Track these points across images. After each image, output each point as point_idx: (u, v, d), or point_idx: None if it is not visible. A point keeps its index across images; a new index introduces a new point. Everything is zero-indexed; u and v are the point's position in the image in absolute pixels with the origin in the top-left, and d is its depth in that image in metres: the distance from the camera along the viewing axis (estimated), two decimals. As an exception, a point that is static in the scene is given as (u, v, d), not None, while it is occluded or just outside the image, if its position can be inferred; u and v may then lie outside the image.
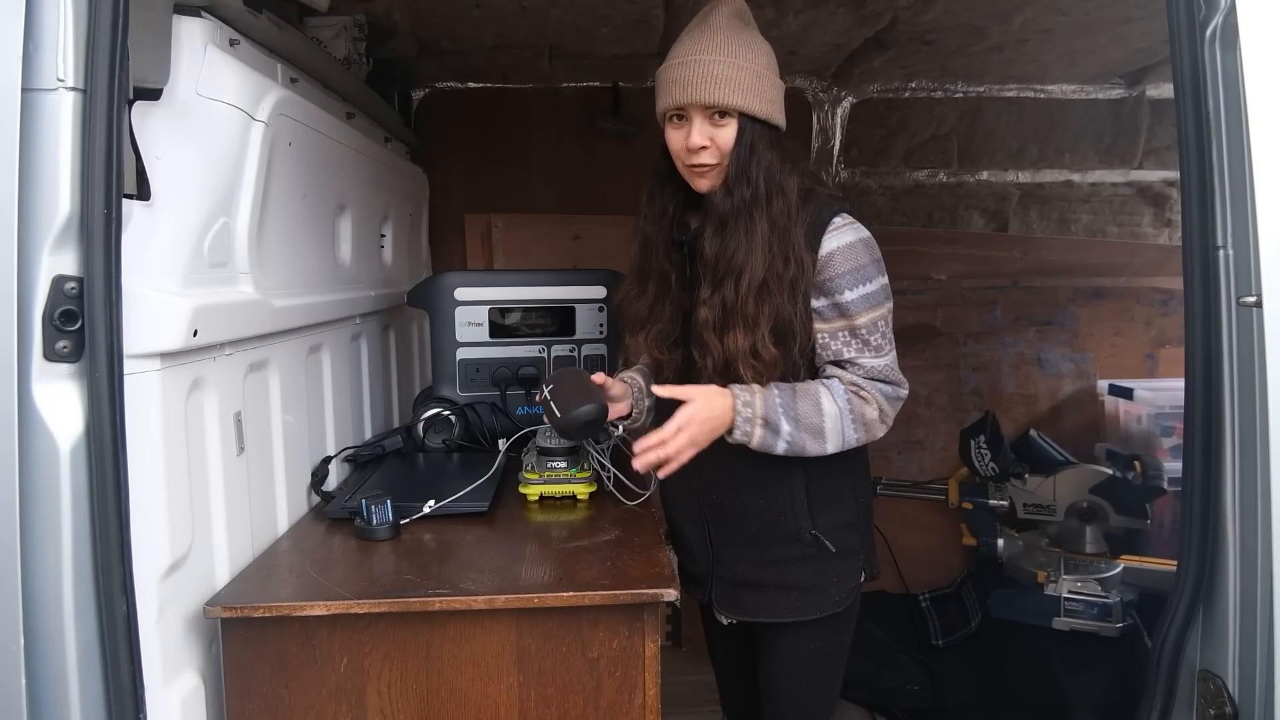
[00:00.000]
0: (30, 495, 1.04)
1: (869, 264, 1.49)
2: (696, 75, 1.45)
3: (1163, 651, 1.26)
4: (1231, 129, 1.15)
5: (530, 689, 1.33)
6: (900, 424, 3.39)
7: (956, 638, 3.05)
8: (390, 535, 1.57)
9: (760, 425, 1.45)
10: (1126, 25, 2.69)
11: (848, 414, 1.47)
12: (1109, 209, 3.67)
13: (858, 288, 1.48)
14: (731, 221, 1.48)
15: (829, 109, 3.51)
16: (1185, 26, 1.18)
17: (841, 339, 1.50)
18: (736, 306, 1.46)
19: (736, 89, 1.45)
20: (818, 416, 1.46)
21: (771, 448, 1.46)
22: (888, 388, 1.52)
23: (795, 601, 1.57)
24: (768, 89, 1.49)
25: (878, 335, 1.51)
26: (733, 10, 1.52)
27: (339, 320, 2.07)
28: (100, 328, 1.06)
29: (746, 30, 1.52)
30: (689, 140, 1.48)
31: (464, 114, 3.32)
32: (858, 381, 1.50)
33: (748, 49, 1.48)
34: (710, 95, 1.45)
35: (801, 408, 1.46)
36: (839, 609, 1.57)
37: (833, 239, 1.48)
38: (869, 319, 1.50)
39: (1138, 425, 3.19)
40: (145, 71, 1.22)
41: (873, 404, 1.49)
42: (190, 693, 1.30)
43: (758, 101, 1.47)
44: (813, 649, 1.61)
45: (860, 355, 1.50)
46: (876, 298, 1.50)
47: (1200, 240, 1.18)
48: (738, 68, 1.45)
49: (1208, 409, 1.20)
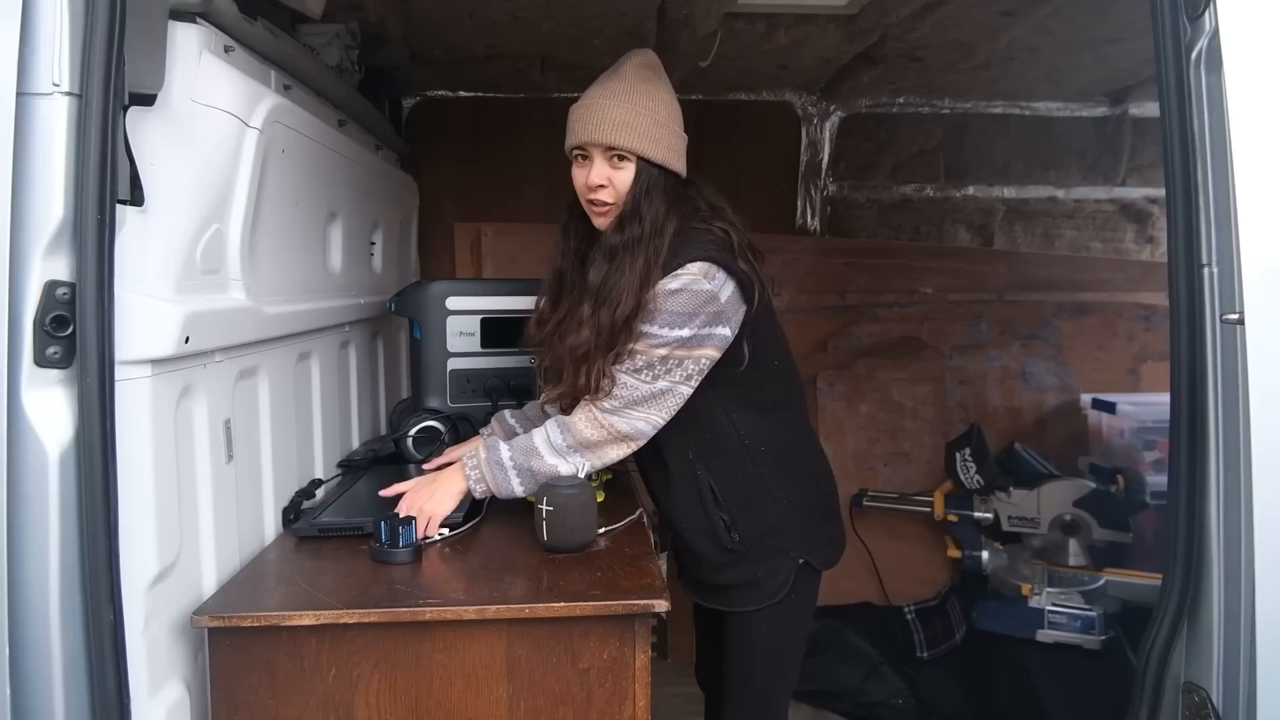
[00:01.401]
0: (18, 502, 1.04)
1: (680, 313, 1.55)
2: (598, 117, 1.59)
3: (1148, 664, 1.27)
4: (1216, 149, 1.17)
5: (520, 700, 1.33)
6: (886, 436, 3.46)
7: (941, 650, 3.06)
8: (412, 559, 1.48)
9: (488, 467, 1.60)
10: (1111, 45, 2.74)
11: (561, 436, 1.58)
12: (1092, 225, 3.72)
13: (653, 324, 1.56)
14: (620, 254, 1.59)
15: (818, 123, 3.55)
16: (1171, 49, 1.20)
17: (625, 355, 1.59)
18: (608, 329, 1.58)
19: (633, 133, 1.57)
20: (535, 450, 1.59)
21: (504, 465, 1.59)
22: (617, 415, 1.56)
23: (734, 596, 1.70)
24: (665, 136, 1.61)
25: (644, 365, 1.56)
26: (643, 62, 1.66)
27: (329, 328, 2.06)
28: (92, 334, 1.05)
29: (654, 81, 1.64)
30: (589, 178, 1.60)
31: (455, 123, 3.32)
32: (590, 406, 1.59)
33: (649, 98, 1.60)
34: (608, 136, 1.57)
35: (518, 445, 1.60)
36: (775, 600, 1.68)
37: (667, 281, 1.56)
38: (645, 348, 1.56)
39: (1120, 439, 3.22)
40: (140, 77, 1.21)
41: (588, 424, 1.57)
42: (176, 703, 1.28)
43: (654, 147, 1.59)
44: (760, 632, 1.71)
45: (619, 371, 1.58)
46: (662, 339, 1.55)
47: (1185, 258, 1.21)
48: (637, 114, 1.58)
49: (1192, 424, 1.22)
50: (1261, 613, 1.12)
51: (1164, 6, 1.20)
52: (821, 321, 3.44)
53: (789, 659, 1.78)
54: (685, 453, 1.66)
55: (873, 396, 3.43)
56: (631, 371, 1.56)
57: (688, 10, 2.40)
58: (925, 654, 3.07)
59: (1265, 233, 1.13)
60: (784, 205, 3.57)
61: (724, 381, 1.62)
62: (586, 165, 1.62)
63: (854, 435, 3.39)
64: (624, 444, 1.58)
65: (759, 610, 1.68)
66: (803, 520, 1.71)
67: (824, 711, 2.91)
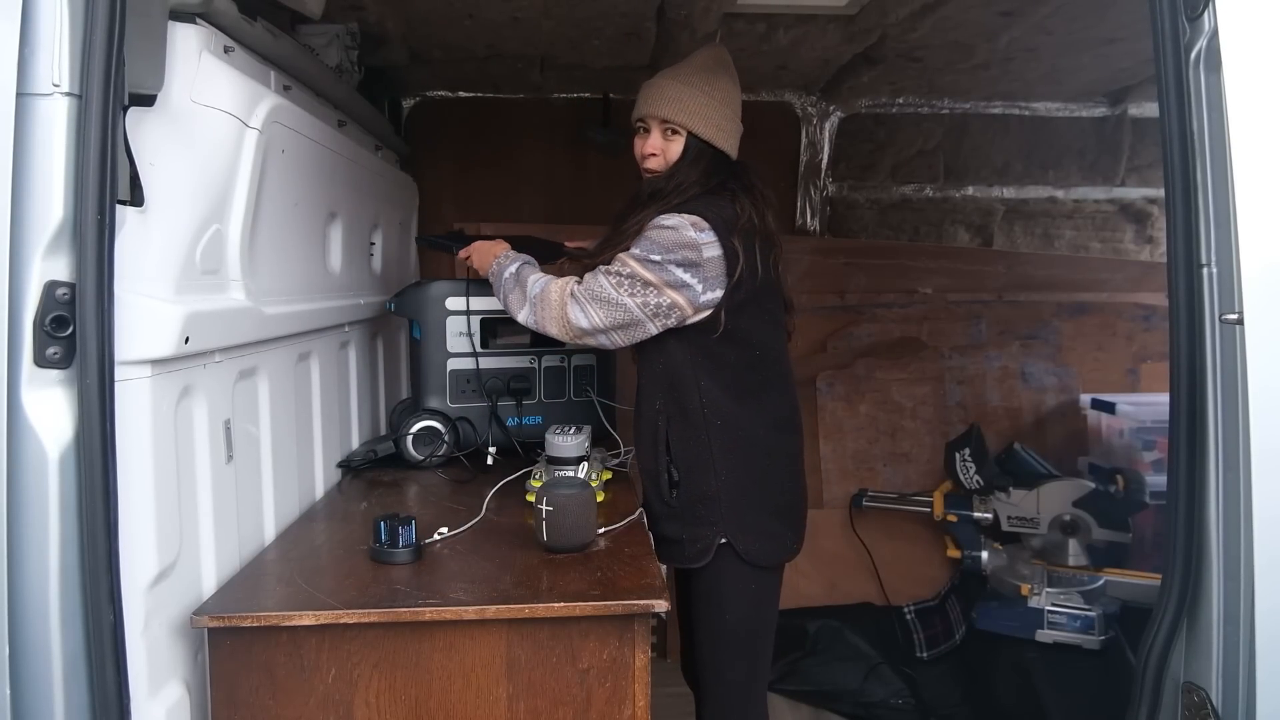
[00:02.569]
0: (18, 502, 1.04)
1: (660, 244, 1.71)
2: (658, 94, 1.82)
3: (1147, 664, 1.27)
4: (1215, 149, 1.17)
5: (520, 700, 1.33)
6: (885, 436, 3.46)
7: (941, 650, 3.06)
8: (412, 560, 1.48)
9: (505, 259, 1.89)
10: (1110, 46, 2.74)
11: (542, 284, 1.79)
12: (1091, 225, 3.72)
13: (636, 245, 1.74)
14: (646, 201, 1.82)
15: (818, 123, 3.54)
16: (1170, 49, 1.20)
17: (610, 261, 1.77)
18: (605, 247, 1.83)
19: (683, 110, 1.79)
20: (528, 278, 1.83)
21: (502, 268, 1.88)
22: (576, 300, 1.73)
23: (664, 549, 1.81)
24: (715, 117, 1.81)
25: (617, 272, 1.73)
26: (713, 54, 1.88)
27: (328, 328, 2.06)
28: (91, 334, 1.05)
29: (715, 69, 1.85)
30: (644, 147, 1.85)
31: (455, 123, 3.32)
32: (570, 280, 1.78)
33: (706, 83, 1.82)
34: (661, 110, 1.81)
35: (524, 271, 1.86)
36: (694, 565, 1.80)
37: (662, 217, 1.75)
38: (622, 260, 1.73)
39: (1119, 439, 3.22)
40: (140, 77, 1.21)
41: (558, 292, 1.75)
42: (176, 703, 1.28)
43: (703, 124, 1.80)
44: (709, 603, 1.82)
45: (599, 270, 1.75)
46: (637, 256, 1.72)
47: (1185, 258, 1.21)
48: (691, 94, 1.79)
49: (1192, 424, 1.22)
50: (1261, 612, 1.12)
51: (1163, 7, 1.20)
52: (821, 321, 3.44)
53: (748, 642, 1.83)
54: (654, 401, 1.82)
55: (872, 397, 3.43)
56: (606, 272, 1.73)
57: (687, 10, 2.40)
58: (925, 654, 3.07)
59: (1265, 233, 1.13)
60: (783, 205, 3.56)
61: (700, 348, 1.77)
62: (645, 135, 1.85)
63: (853, 435, 3.40)
64: (563, 325, 1.74)
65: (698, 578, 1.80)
66: (736, 504, 1.79)
67: (824, 711, 2.92)
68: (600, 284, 1.72)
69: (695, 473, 1.79)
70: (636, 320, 1.71)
